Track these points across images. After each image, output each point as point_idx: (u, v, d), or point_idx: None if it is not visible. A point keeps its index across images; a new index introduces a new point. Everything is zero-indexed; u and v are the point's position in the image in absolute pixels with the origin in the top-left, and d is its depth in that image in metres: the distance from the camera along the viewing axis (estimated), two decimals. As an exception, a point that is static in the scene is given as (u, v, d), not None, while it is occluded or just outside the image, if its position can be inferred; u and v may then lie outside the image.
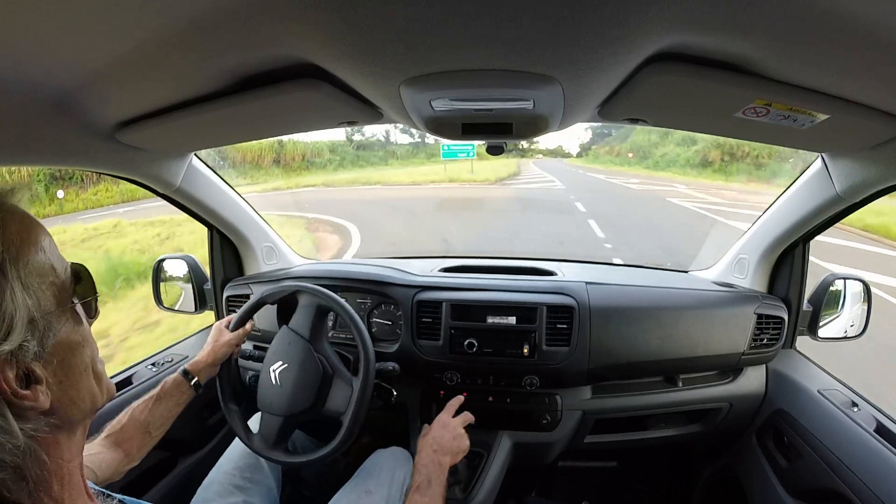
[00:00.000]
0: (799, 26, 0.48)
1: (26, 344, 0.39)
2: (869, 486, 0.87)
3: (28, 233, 0.42)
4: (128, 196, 13.98)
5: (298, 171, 17.74)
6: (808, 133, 0.75)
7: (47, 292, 0.42)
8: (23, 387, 0.39)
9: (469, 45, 0.54)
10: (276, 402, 0.97)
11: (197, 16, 0.48)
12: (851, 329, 1.24)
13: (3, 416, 0.37)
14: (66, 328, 0.44)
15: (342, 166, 18.43)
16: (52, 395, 0.41)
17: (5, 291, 0.38)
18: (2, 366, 0.37)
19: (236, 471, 1.00)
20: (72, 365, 0.44)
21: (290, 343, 1.01)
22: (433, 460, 0.90)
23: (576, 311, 1.18)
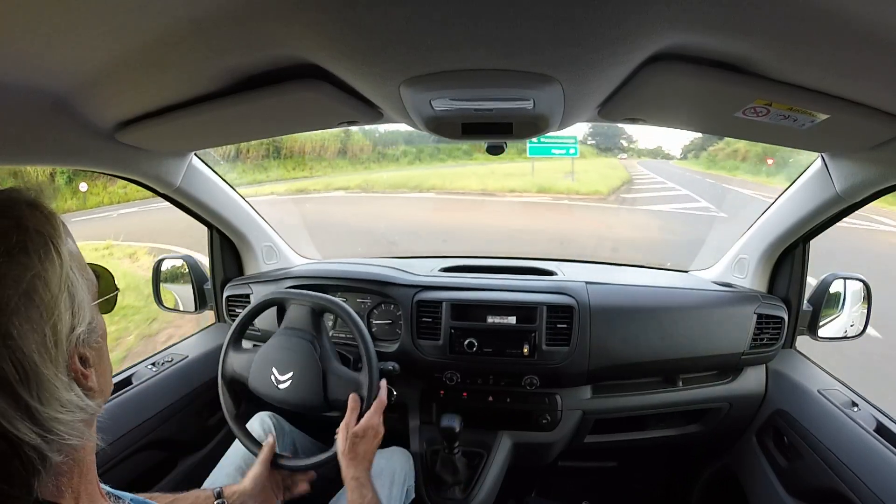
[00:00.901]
0: (799, 26, 0.48)
1: (87, 329, 0.42)
2: (869, 486, 0.87)
3: (63, 230, 0.44)
4: None
5: (367, 163, 15.53)
6: (808, 133, 0.75)
7: (84, 284, 0.45)
8: (84, 369, 0.42)
9: (469, 45, 0.54)
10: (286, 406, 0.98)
11: (197, 16, 0.48)
12: (851, 329, 1.24)
13: (79, 395, 0.40)
14: (99, 316, 0.47)
15: (419, 160, 15.52)
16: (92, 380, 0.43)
17: (76, 281, 0.42)
18: (72, 349, 0.40)
19: (237, 471, 1.00)
20: (103, 354, 0.47)
21: (292, 344, 1.01)
22: (368, 479, 0.88)
23: (576, 311, 1.18)
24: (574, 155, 8.94)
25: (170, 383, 1.23)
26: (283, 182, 12.90)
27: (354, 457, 0.88)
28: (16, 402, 0.35)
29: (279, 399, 0.99)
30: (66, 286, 0.40)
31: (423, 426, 1.27)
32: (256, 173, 13.65)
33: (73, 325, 0.41)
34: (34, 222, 0.40)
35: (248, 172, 13.69)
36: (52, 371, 0.38)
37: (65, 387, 0.39)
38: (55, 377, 0.38)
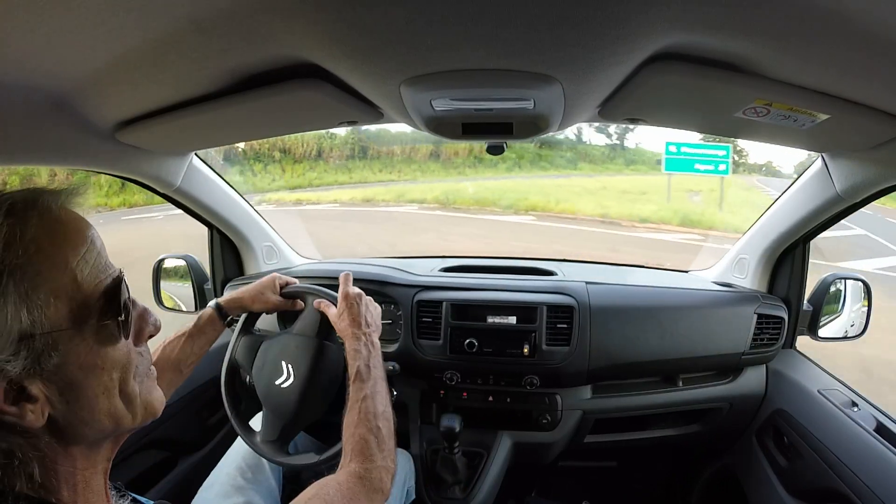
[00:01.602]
0: (799, 26, 0.48)
1: (13, 360, 0.36)
2: (869, 486, 0.87)
3: (52, 240, 0.39)
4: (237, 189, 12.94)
5: (461, 168, 13.62)
6: (808, 133, 0.75)
7: (61, 308, 0.39)
8: (11, 402, 0.37)
9: (469, 45, 0.54)
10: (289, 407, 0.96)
11: (197, 16, 0.48)
12: (852, 329, 1.24)
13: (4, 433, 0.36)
14: (80, 348, 0.40)
15: (518, 166, 13.29)
16: (57, 413, 0.39)
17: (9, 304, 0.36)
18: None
19: (238, 471, 1.00)
20: (84, 387, 0.40)
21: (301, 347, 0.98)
22: (368, 342, 0.82)
23: (576, 311, 1.18)
24: (724, 174, 6.42)
25: None
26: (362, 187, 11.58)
27: (348, 328, 0.84)
28: None
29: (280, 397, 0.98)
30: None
31: (423, 426, 1.27)
32: (339, 174, 12.89)
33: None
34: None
35: (330, 173, 12.86)
36: None
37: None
38: None
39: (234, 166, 13.04)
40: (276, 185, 12.78)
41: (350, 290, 0.90)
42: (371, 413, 0.72)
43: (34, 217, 0.39)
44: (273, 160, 13.30)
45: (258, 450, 0.97)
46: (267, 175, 13.22)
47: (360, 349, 0.80)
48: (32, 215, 0.39)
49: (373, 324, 0.87)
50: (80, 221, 0.43)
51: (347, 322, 0.85)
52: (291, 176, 13.20)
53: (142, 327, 0.47)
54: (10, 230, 0.37)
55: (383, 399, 0.76)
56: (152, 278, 1.45)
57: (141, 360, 0.47)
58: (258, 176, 12.82)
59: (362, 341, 0.82)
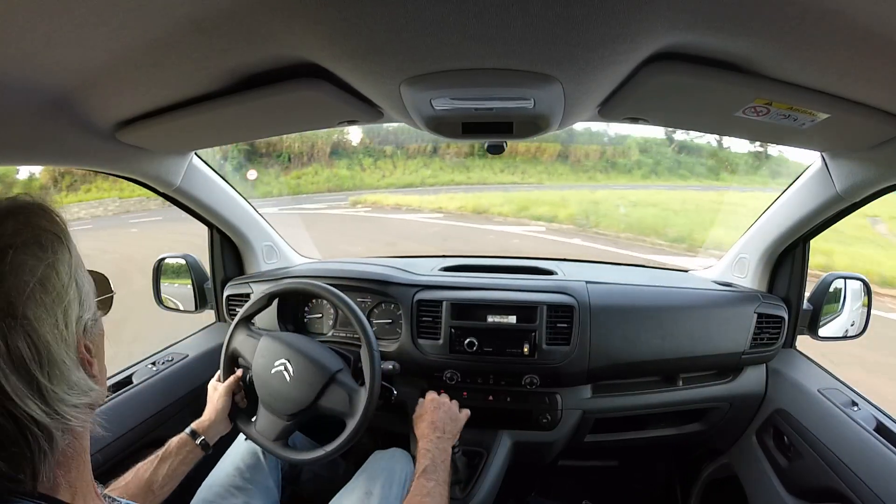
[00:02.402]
0: (799, 26, 0.48)
1: (91, 319, 0.45)
2: (869, 486, 0.87)
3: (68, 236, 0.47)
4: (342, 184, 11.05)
5: (591, 172, 12.07)
6: (808, 132, 0.75)
7: (89, 285, 0.48)
8: (89, 357, 0.45)
9: (469, 45, 0.54)
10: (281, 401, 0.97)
11: (197, 16, 0.48)
12: (852, 328, 1.24)
13: (85, 378, 0.43)
14: (99, 315, 0.50)
15: (655, 173, 11.61)
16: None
17: (83, 276, 0.45)
18: (80, 336, 0.44)
19: (237, 472, 1.00)
20: (101, 350, 0.50)
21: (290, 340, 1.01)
22: (438, 446, 0.90)
23: (576, 311, 1.18)
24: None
25: (170, 383, 1.23)
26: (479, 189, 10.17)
27: (427, 430, 0.94)
28: (28, 381, 0.38)
29: (273, 387, 0.98)
30: (74, 277, 0.44)
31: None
32: (456, 172, 11.94)
33: (81, 313, 0.44)
34: (44, 222, 0.44)
35: (447, 171, 11.99)
36: (63, 352, 0.41)
37: (73, 368, 0.42)
38: (66, 358, 0.41)
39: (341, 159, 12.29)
40: (384, 183, 11.87)
41: (436, 397, 1.03)
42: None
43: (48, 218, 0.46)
44: (384, 155, 12.49)
45: (255, 438, 0.99)
46: (377, 171, 12.39)
47: (432, 450, 0.89)
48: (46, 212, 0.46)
49: (449, 432, 0.96)
50: None
51: (426, 423, 0.96)
52: (403, 173, 12.32)
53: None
54: (54, 222, 0.45)
55: (442, 501, 0.82)
56: (152, 278, 1.45)
57: None
58: (367, 171, 12.20)
59: (434, 443, 0.91)
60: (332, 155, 12.05)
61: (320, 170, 11.80)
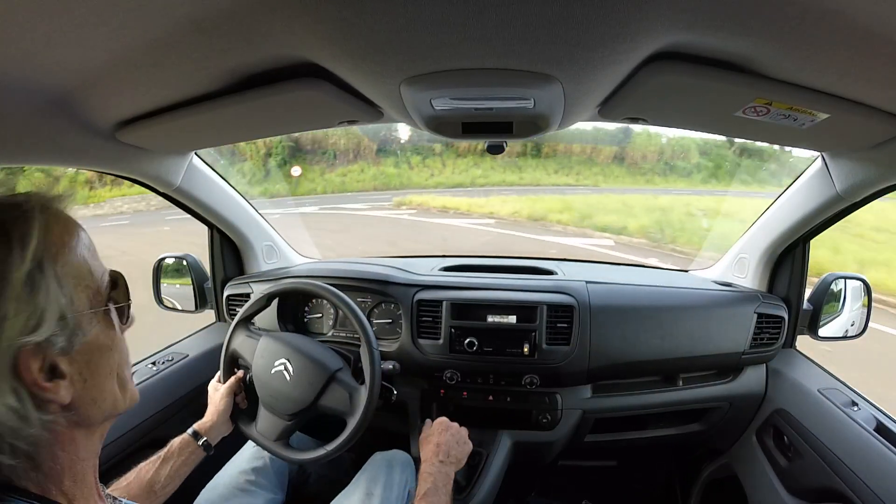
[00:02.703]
0: (799, 25, 0.48)
1: (54, 338, 0.41)
2: (869, 485, 0.87)
3: (70, 236, 0.45)
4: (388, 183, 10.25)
5: (649, 175, 11.03)
6: (808, 132, 0.75)
7: (82, 294, 0.44)
8: (46, 379, 0.41)
9: (469, 45, 0.54)
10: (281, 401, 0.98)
11: (197, 16, 0.48)
12: (852, 328, 1.24)
13: (22, 403, 0.39)
14: (97, 330, 0.46)
15: (715, 177, 10.63)
16: (74, 392, 0.43)
17: (40, 287, 0.40)
18: (27, 356, 0.39)
19: (242, 474, 1.00)
20: (98, 366, 0.46)
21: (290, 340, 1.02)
22: (441, 470, 0.88)
23: (576, 310, 1.18)
24: None
25: (170, 382, 1.23)
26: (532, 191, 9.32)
27: (431, 452, 0.93)
28: None
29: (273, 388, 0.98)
30: (22, 289, 0.39)
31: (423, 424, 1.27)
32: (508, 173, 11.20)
33: (27, 330, 0.39)
34: (7, 222, 0.40)
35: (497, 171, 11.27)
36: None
37: (3, 391, 0.38)
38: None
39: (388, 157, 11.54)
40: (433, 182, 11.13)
41: (446, 419, 1.02)
42: None
43: (55, 214, 0.45)
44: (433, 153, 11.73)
45: (256, 439, 0.99)
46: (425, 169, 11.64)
47: (434, 473, 0.88)
48: (54, 213, 0.45)
49: (454, 457, 0.94)
50: (78, 223, 0.48)
51: (432, 444, 0.95)
52: (452, 172, 11.55)
53: (131, 315, 0.53)
54: (46, 224, 0.42)
55: None
56: (152, 277, 1.45)
57: (126, 348, 0.52)
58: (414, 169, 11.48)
59: (436, 467, 0.89)
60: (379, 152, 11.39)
61: (366, 167, 11.21)
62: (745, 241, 1.34)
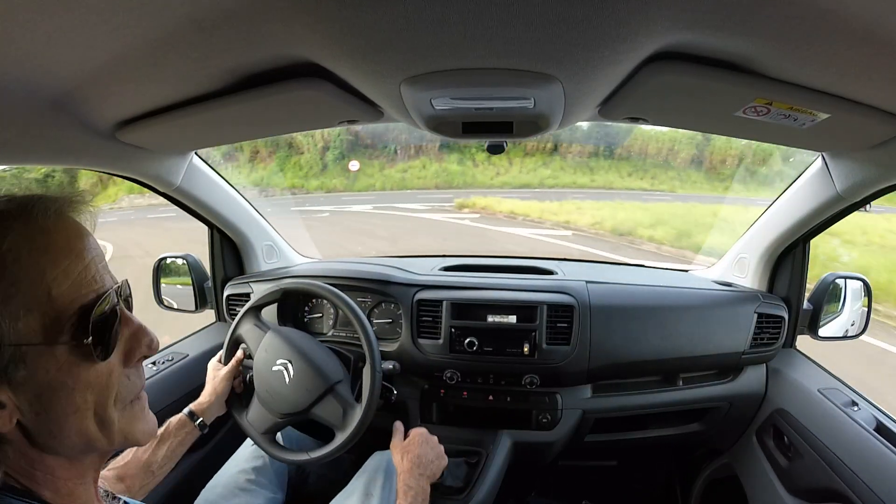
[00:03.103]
0: (799, 26, 0.48)
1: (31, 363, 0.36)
2: (869, 485, 0.87)
3: (31, 251, 0.38)
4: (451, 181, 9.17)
5: (727, 181, 10.12)
6: (808, 132, 0.75)
7: (33, 322, 0.37)
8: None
9: (469, 44, 0.54)
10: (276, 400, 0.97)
11: (197, 15, 0.48)
12: (852, 328, 1.24)
13: None
14: (49, 365, 0.38)
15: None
16: (27, 422, 0.38)
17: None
18: None
19: (241, 474, 1.00)
20: (52, 402, 0.39)
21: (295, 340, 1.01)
22: (420, 483, 0.88)
23: (576, 310, 1.18)
24: None
25: (170, 382, 1.23)
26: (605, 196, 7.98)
27: (409, 462, 0.91)
28: None
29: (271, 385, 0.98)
30: None
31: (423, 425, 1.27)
32: (578, 174, 10.31)
33: None
34: None
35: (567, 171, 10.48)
36: None
37: None
38: None
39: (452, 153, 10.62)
40: (498, 182, 10.19)
41: (424, 431, 0.99)
42: None
43: (18, 225, 0.38)
44: None
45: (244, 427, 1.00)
46: (490, 167, 10.71)
47: (414, 487, 0.86)
48: (16, 224, 0.38)
49: (431, 472, 0.93)
50: (70, 231, 0.41)
51: (410, 455, 0.92)
52: (519, 171, 10.77)
53: (132, 348, 0.45)
54: (16, 237, 0.37)
55: None
56: (152, 277, 1.45)
57: (126, 385, 0.45)
58: (479, 167, 10.59)
59: (416, 480, 0.88)
60: (442, 148, 10.42)
61: (428, 163, 10.38)
62: (746, 241, 1.34)
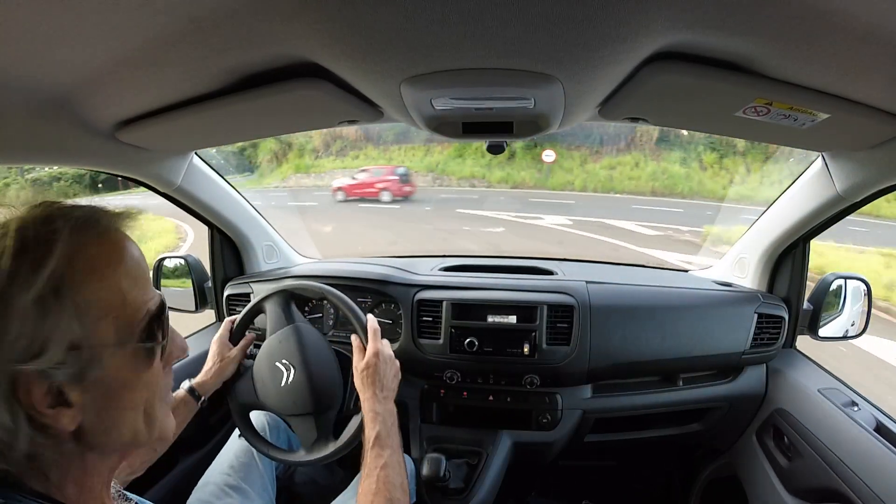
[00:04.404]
0: (799, 26, 0.48)
1: (61, 367, 0.38)
2: (869, 485, 0.87)
3: (108, 261, 0.42)
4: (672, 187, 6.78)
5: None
6: (808, 132, 0.75)
7: (108, 325, 0.41)
8: (50, 405, 0.38)
9: (469, 44, 0.54)
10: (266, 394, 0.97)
11: (197, 15, 0.48)
12: (852, 328, 1.24)
13: (16, 423, 0.37)
14: (120, 364, 0.42)
15: None
16: (85, 421, 0.41)
17: (50, 313, 0.38)
18: (28, 379, 0.37)
19: (231, 470, 1.00)
20: (117, 399, 0.43)
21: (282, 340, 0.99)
22: (386, 407, 0.83)
23: (576, 310, 1.18)
24: None
25: None
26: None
27: (367, 386, 0.86)
28: None
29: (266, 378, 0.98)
30: (30, 312, 0.37)
31: (423, 425, 1.27)
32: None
33: (28, 354, 0.37)
34: (32, 239, 0.38)
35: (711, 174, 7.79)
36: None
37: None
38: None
39: (673, 150, 8.16)
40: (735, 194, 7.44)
41: (381, 347, 0.91)
42: (390, 483, 0.74)
43: (94, 236, 0.42)
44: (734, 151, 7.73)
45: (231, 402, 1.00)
46: (722, 173, 8.02)
47: (382, 413, 0.82)
48: (93, 235, 0.42)
49: (393, 389, 0.89)
50: (132, 246, 0.45)
51: (371, 379, 0.87)
52: (761, 182, 7.48)
53: (172, 350, 0.49)
54: (74, 247, 0.40)
55: (401, 470, 0.77)
56: (152, 277, 1.45)
57: (167, 384, 0.49)
58: (707, 171, 8.14)
59: (382, 405, 0.83)
60: (660, 142, 8.02)
61: (641, 161, 7.92)
62: (746, 242, 1.34)
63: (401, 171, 9.50)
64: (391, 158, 10.29)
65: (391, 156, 10.54)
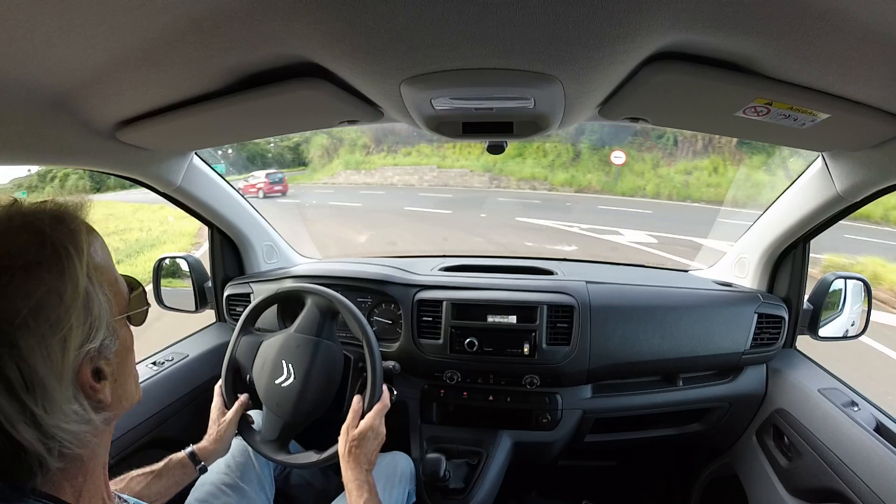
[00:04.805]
0: (799, 25, 0.48)
1: (105, 343, 0.44)
2: (869, 485, 0.87)
3: (99, 246, 0.47)
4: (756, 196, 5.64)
5: None
6: (808, 132, 0.75)
7: (114, 301, 0.47)
8: (96, 381, 0.44)
9: (469, 44, 0.54)
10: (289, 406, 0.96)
11: (198, 15, 0.48)
12: (852, 328, 1.24)
13: (83, 408, 0.42)
14: (124, 333, 0.49)
15: None
16: (112, 392, 0.46)
17: (94, 297, 0.43)
18: (83, 362, 0.42)
19: (227, 470, 1.00)
20: (125, 366, 0.49)
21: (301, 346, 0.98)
22: (368, 480, 0.84)
23: (576, 311, 1.18)
24: None
25: (171, 382, 1.23)
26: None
27: (354, 459, 0.85)
28: (21, 407, 0.37)
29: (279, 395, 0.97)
30: (81, 302, 0.41)
31: (423, 425, 1.27)
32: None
33: (86, 339, 0.42)
34: (57, 236, 0.41)
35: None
36: (55, 383, 0.39)
37: (69, 398, 0.40)
38: (59, 388, 0.39)
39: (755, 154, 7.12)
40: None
41: (377, 424, 0.89)
42: None
43: (94, 232, 0.47)
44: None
45: (258, 448, 0.97)
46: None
47: (365, 481, 0.82)
48: (92, 231, 0.47)
49: (372, 462, 0.87)
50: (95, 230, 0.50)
51: (358, 451, 0.85)
52: None
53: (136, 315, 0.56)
54: (88, 237, 0.45)
55: None
56: (152, 277, 1.45)
57: None
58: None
59: (365, 475, 0.83)
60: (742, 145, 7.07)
61: (721, 165, 7.04)
62: (746, 241, 1.34)
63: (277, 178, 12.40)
64: (445, 156, 9.78)
65: (445, 153, 9.91)
